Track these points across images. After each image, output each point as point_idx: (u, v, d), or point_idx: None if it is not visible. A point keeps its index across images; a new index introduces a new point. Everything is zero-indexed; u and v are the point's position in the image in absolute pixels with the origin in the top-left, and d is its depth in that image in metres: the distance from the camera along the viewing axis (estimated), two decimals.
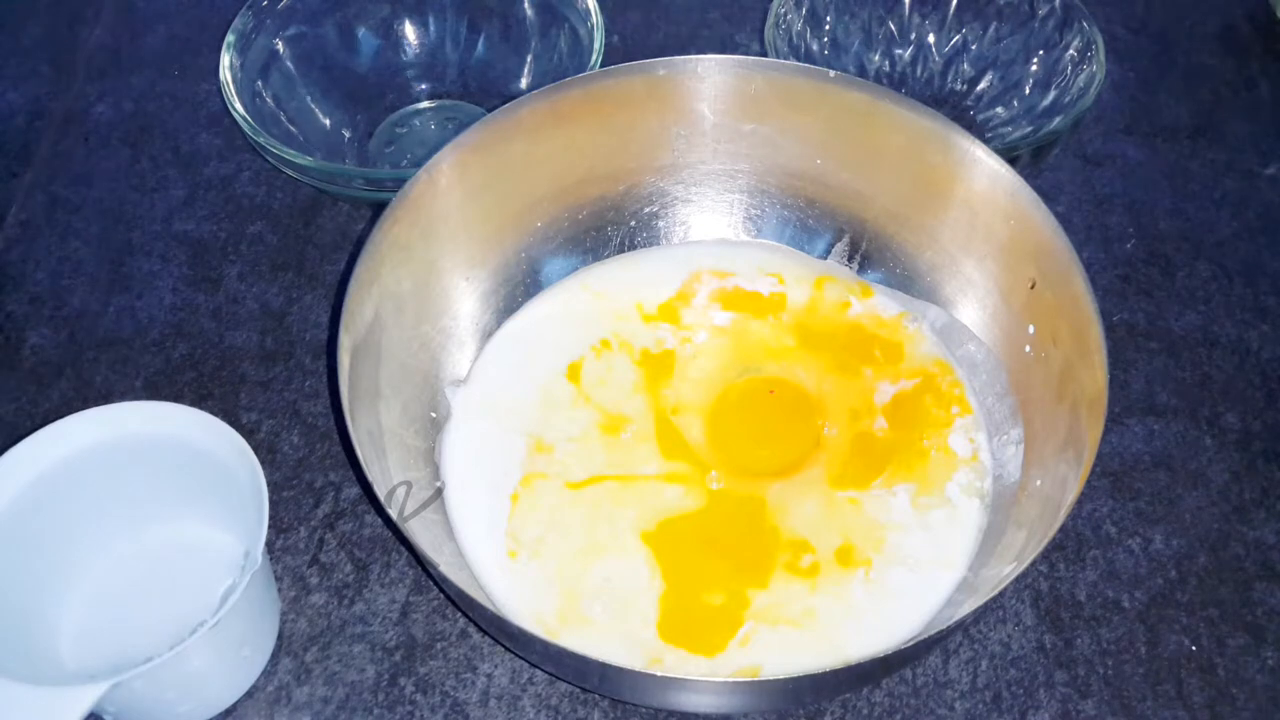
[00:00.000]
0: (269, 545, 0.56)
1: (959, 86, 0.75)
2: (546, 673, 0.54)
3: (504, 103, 0.58)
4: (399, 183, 0.55)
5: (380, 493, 0.49)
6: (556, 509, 0.56)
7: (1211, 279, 0.68)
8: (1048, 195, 0.55)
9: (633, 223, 0.65)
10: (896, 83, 0.76)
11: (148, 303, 0.67)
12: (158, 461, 0.53)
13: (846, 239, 0.64)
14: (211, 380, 0.64)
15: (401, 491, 0.52)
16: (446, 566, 0.47)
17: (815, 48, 0.74)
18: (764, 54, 0.72)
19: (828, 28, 0.75)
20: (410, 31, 0.76)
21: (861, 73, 0.75)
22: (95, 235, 0.70)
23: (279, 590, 0.56)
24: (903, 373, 0.60)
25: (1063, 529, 0.46)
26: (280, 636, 0.55)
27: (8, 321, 0.66)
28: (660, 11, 0.82)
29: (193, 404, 0.53)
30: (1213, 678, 0.54)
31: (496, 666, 0.55)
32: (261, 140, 0.65)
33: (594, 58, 0.68)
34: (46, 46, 0.80)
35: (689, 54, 0.59)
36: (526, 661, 0.54)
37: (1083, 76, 0.67)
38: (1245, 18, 0.82)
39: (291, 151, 0.65)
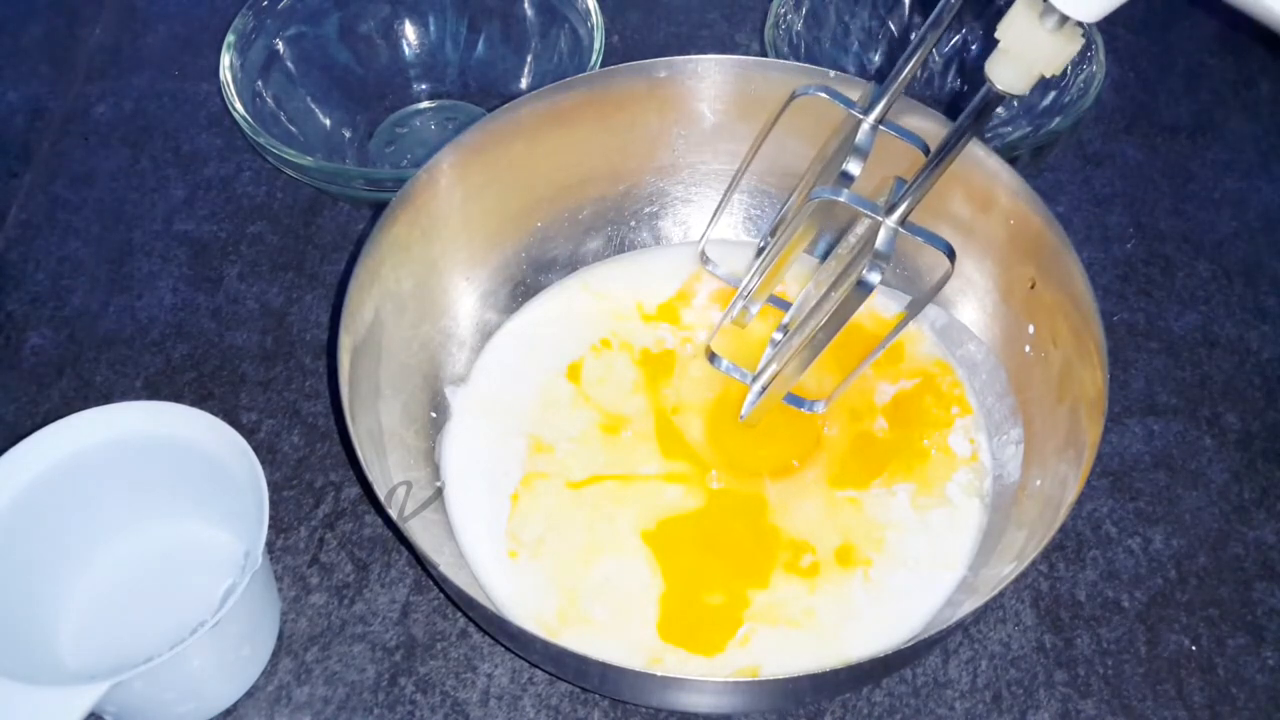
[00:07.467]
0: (269, 545, 0.56)
1: (959, 86, 0.75)
2: (547, 673, 0.54)
3: (504, 103, 0.58)
4: (399, 183, 0.55)
5: (380, 493, 0.49)
6: (556, 509, 0.56)
7: (1211, 279, 0.68)
8: (1048, 195, 0.55)
9: (633, 223, 0.65)
10: None
11: (148, 303, 0.67)
12: (158, 461, 0.53)
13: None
14: (211, 380, 0.64)
15: (401, 491, 0.52)
16: (447, 566, 0.47)
17: (815, 48, 0.74)
18: (764, 54, 0.72)
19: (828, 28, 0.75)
20: (410, 31, 0.76)
21: (861, 73, 0.75)
22: (95, 235, 0.70)
23: (279, 590, 0.56)
24: (903, 373, 0.60)
25: (1063, 529, 0.46)
26: (280, 636, 0.55)
27: (8, 321, 0.66)
28: (660, 11, 0.81)
29: (193, 404, 0.53)
30: (1213, 678, 0.54)
31: (497, 666, 0.55)
32: (261, 140, 0.65)
33: (594, 58, 0.68)
34: (46, 46, 0.80)
35: (689, 54, 0.59)
36: (527, 661, 0.54)
37: (1083, 76, 0.67)
38: (1245, 17, 0.81)
39: (291, 151, 0.65)
